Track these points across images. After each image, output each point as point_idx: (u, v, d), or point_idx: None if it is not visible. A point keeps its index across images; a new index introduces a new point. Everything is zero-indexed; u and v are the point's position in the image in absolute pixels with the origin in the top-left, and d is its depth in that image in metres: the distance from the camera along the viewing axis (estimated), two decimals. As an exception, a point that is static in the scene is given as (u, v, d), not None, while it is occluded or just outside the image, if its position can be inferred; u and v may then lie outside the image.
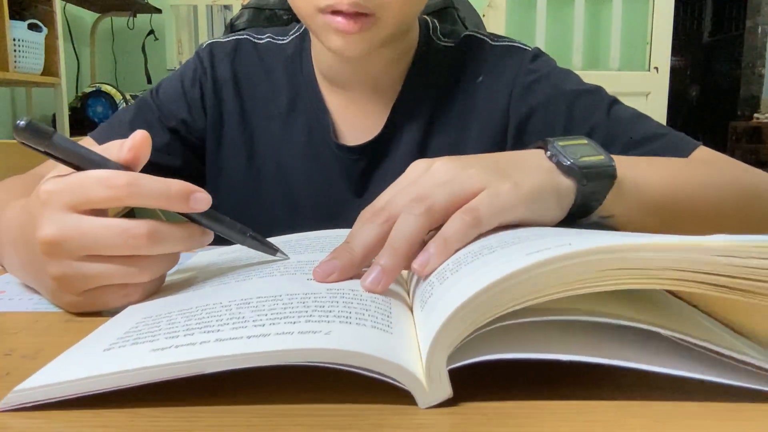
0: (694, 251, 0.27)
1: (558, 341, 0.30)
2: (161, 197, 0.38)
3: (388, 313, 0.33)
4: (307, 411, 0.28)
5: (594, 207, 0.44)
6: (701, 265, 0.28)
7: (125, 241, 0.37)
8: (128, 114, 0.74)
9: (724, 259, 0.27)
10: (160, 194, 0.38)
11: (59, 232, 0.37)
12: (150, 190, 0.38)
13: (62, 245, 0.37)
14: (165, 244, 0.38)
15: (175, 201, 0.38)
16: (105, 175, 0.37)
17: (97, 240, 0.37)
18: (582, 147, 0.44)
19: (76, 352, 0.32)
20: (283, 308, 0.32)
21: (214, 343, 0.29)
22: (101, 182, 0.37)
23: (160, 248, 0.38)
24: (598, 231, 0.37)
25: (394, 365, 0.27)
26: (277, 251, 0.45)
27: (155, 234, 0.37)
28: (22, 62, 2.07)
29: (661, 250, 0.28)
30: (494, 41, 0.75)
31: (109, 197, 0.37)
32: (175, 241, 0.39)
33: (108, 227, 0.37)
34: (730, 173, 0.57)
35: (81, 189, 0.38)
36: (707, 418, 0.27)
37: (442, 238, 0.36)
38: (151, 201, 0.38)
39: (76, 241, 0.37)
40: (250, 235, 0.44)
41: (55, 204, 0.38)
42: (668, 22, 2.59)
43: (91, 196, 0.37)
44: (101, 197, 0.37)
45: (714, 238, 0.28)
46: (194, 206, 0.39)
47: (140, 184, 0.37)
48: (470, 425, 0.27)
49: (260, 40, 0.77)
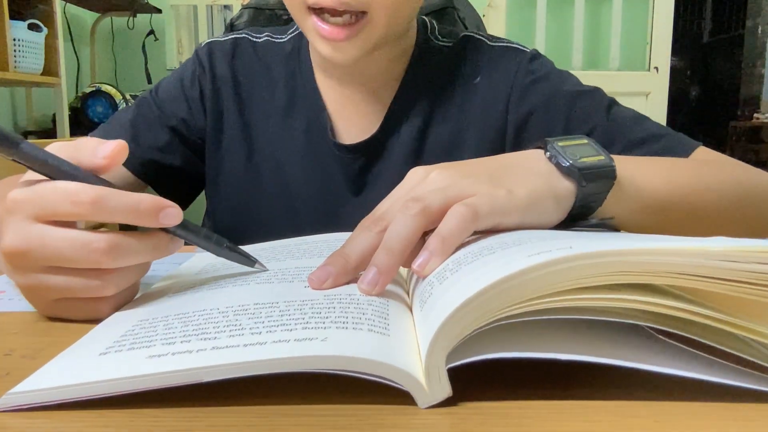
0: (695, 256, 0.28)
1: (558, 341, 0.30)
2: (130, 213, 0.37)
3: (386, 315, 0.33)
4: (307, 411, 0.28)
5: (594, 208, 0.44)
6: (702, 270, 0.28)
7: (86, 256, 0.36)
8: (128, 114, 0.74)
9: (726, 263, 0.27)
10: (128, 210, 0.37)
11: (22, 242, 0.36)
12: (117, 206, 0.36)
13: (25, 256, 0.36)
14: (127, 257, 0.37)
15: (145, 217, 0.37)
16: (72, 190, 0.36)
17: (59, 253, 0.36)
18: (582, 147, 0.44)
19: (73, 354, 0.32)
20: (280, 315, 0.32)
21: (211, 351, 0.29)
22: (67, 197, 0.36)
23: (122, 262, 0.37)
24: (600, 234, 0.38)
25: (392, 367, 0.27)
26: (255, 262, 0.43)
27: (116, 248, 0.36)
28: (22, 62, 2.07)
29: (663, 254, 0.28)
30: (492, 42, 0.75)
31: (74, 213, 0.36)
32: (139, 253, 0.38)
33: (70, 240, 0.36)
34: (730, 173, 0.57)
35: (46, 201, 0.36)
36: (707, 418, 0.27)
37: (440, 236, 0.36)
38: (119, 217, 0.36)
39: (38, 252, 0.36)
40: (227, 246, 0.42)
41: (20, 213, 0.37)
42: (668, 22, 2.59)
43: (56, 209, 0.36)
44: (66, 212, 0.36)
45: (715, 243, 0.28)
46: (164, 222, 0.38)
47: (107, 200, 0.36)
48: (470, 425, 0.27)
49: (259, 39, 0.77)
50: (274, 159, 0.73)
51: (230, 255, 0.43)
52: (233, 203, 0.74)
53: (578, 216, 0.43)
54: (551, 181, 0.42)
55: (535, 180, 0.41)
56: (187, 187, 0.77)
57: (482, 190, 0.39)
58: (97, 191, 0.36)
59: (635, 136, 0.65)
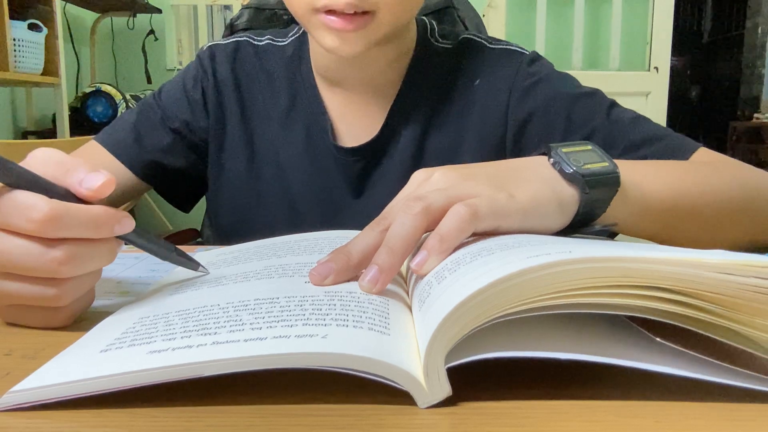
0: (694, 267, 0.28)
1: (557, 340, 0.30)
2: (87, 228, 0.36)
3: (386, 314, 0.33)
4: (307, 411, 0.28)
5: (598, 214, 0.44)
6: (701, 280, 0.28)
7: (42, 265, 0.35)
8: (131, 116, 0.75)
9: (724, 276, 0.28)
10: (84, 225, 0.35)
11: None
12: (72, 222, 0.35)
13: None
14: (84, 265, 0.36)
15: (103, 229, 0.36)
16: (26, 205, 0.34)
17: (13, 260, 0.35)
18: (586, 153, 0.44)
19: (73, 352, 0.32)
20: (281, 311, 0.32)
21: (211, 346, 0.29)
22: (21, 212, 0.34)
23: (79, 270, 0.36)
24: (601, 241, 0.38)
25: (391, 367, 0.27)
26: (198, 266, 0.44)
27: (73, 258, 0.35)
28: (22, 62, 2.07)
29: (662, 263, 0.28)
30: (492, 44, 0.75)
31: (27, 229, 0.34)
32: (95, 260, 0.37)
33: (26, 248, 0.35)
34: (732, 175, 0.57)
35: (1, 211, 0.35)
36: (707, 418, 0.27)
37: (439, 235, 0.36)
38: (74, 232, 0.35)
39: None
40: (175, 251, 0.43)
41: None
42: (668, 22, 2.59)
43: (9, 222, 0.35)
44: (19, 227, 0.35)
45: (714, 255, 0.28)
46: (119, 232, 0.37)
47: (62, 217, 0.34)
48: (470, 425, 0.27)
49: (260, 42, 0.77)
50: (275, 161, 0.73)
51: (177, 259, 0.43)
52: (234, 205, 0.75)
53: (581, 222, 0.43)
54: (555, 187, 0.42)
55: (538, 185, 0.41)
56: (189, 189, 0.78)
57: (484, 191, 0.39)
58: (52, 208, 0.34)
59: (636, 137, 0.65)
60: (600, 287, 0.28)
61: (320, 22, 0.61)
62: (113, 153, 0.71)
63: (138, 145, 0.71)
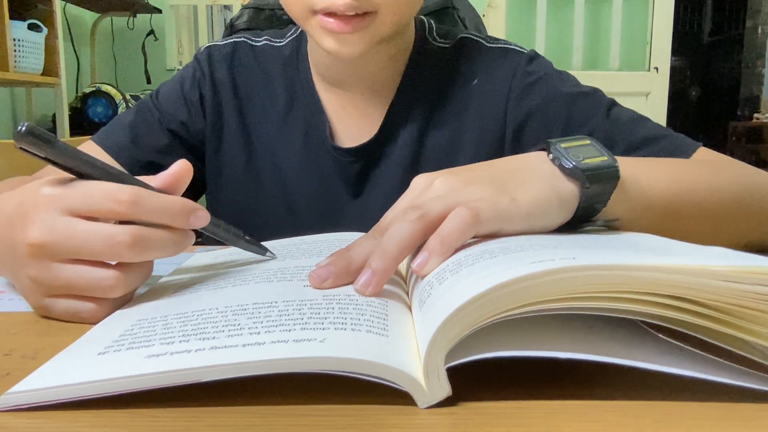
0: (698, 275, 0.28)
1: (558, 340, 0.30)
2: (164, 214, 0.38)
3: (384, 316, 0.33)
4: (307, 411, 0.28)
5: (598, 209, 0.44)
6: (705, 288, 0.28)
7: (110, 248, 0.37)
8: (129, 116, 0.74)
9: (728, 284, 0.28)
10: (163, 211, 0.38)
11: (50, 234, 0.37)
12: (153, 207, 0.38)
13: (50, 246, 0.37)
14: (149, 251, 0.38)
15: (178, 218, 0.39)
16: (112, 188, 0.37)
17: (84, 244, 0.37)
18: (585, 148, 0.44)
19: (72, 353, 0.32)
20: (279, 315, 0.32)
21: (209, 351, 0.29)
22: (108, 195, 0.37)
23: (144, 256, 0.38)
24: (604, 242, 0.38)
25: (390, 369, 0.27)
26: (267, 251, 0.47)
27: (139, 241, 0.37)
28: (22, 62, 2.07)
29: (666, 272, 0.28)
30: (490, 43, 0.75)
31: (114, 211, 0.37)
32: (160, 247, 0.39)
33: (95, 232, 0.37)
34: (732, 173, 0.57)
35: (84, 198, 0.37)
36: (707, 418, 0.27)
37: (440, 235, 0.36)
38: (154, 217, 0.38)
39: (63, 243, 0.37)
40: (245, 238, 0.46)
41: (51, 207, 0.37)
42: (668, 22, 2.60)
43: (94, 207, 0.37)
44: (106, 210, 0.37)
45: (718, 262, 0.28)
46: (194, 223, 0.40)
47: (144, 201, 0.37)
48: (470, 425, 0.27)
49: (257, 43, 0.77)
50: (274, 162, 0.73)
51: (247, 246, 0.47)
52: (233, 205, 0.75)
53: (582, 217, 0.43)
54: (555, 183, 0.42)
55: (539, 184, 0.41)
56: (188, 190, 0.77)
57: (485, 195, 0.39)
58: (136, 191, 0.37)
59: (635, 137, 0.65)
60: (603, 293, 0.28)
61: (319, 25, 0.61)
62: (110, 154, 0.70)
63: (135, 146, 0.71)
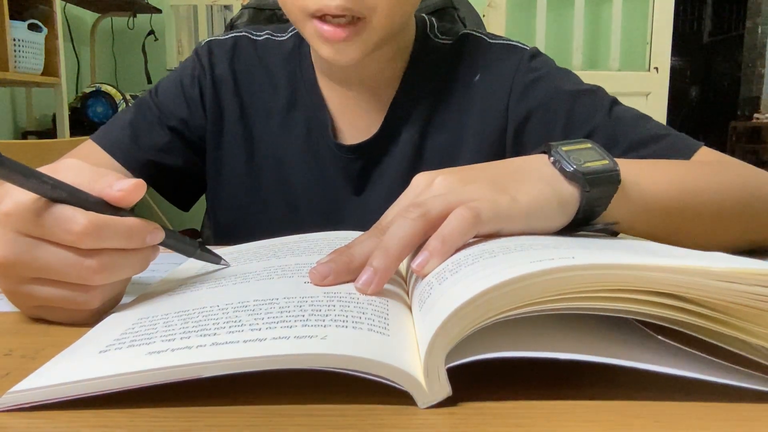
0: (698, 275, 0.28)
1: (558, 340, 0.30)
2: (120, 239, 0.37)
3: (385, 315, 0.33)
4: (307, 411, 0.28)
5: (599, 212, 0.44)
6: (705, 288, 0.28)
7: (77, 273, 0.36)
8: (128, 114, 0.74)
9: (728, 284, 0.28)
10: (119, 235, 0.37)
11: (11, 254, 0.36)
12: (108, 234, 0.36)
13: (13, 267, 0.36)
14: (117, 274, 0.38)
15: (134, 240, 0.37)
16: (66, 217, 0.35)
17: (50, 267, 0.36)
18: (586, 151, 0.44)
19: (72, 353, 0.32)
20: (280, 312, 0.32)
21: (210, 347, 0.29)
22: (60, 225, 0.35)
23: (112, 279, 0.37)
24: (603, 244, 0.38)
25: (391, 367, 0.27)
26: (221, 259, 0.46)
27: (107, 267, 0.36)
28: (22, 62, 2.07)
29: (665, 272, 0.28)
30: (492, 40, 0.74)
31: (66, 240, 0.36)
32: (128, 268, 0.38)
33: (61, 257, 0.36)
34: (734, 174, 0.57)
35: (39, 221, 0.36)
36: (707, 418, 0.27)
37: (441, 235, 0.36)
38: (110, 242, 0.36)
39: (26, 265, 0.36)
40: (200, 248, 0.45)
41: (11, 226, 0.36)
42: (668, 22, 2.59)
43: (46, 232, 0.36)
44: (58, 238, 0.36)
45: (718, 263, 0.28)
46: (150, 241, 0.38)
47: (98, 229, 0.36)
48: (470, 425, 0.27)
49: (259, 37, 0.76)
50: (275, 158, 0.73)
51: (201, 255, 0.46)
52: (234, 203, 0.74)
53: (582, 220, 0.43)
54: (555, 186, 0.42)
55: (539, 185, 0.41)
56: (188, 187, 0.77)
57: (486, 195, 0.39)
58: (90, 221, 0.36)
59: (637, 136, 0.65)
60: (603, 292, 0.28)
61: (315, 30, 0.61)
62: (110, 152, 0.70)
63: (135, 145, 0.71)
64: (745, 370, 0.29)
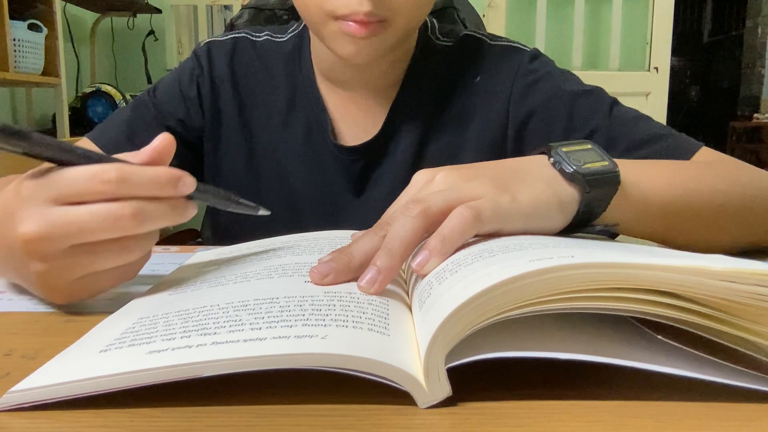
0: (697, 274, 0.28)
1: (558, 340, 0.30)
2: (152, 186, 0.38)
3: (386, 315, 0.33)
4: (307, 411, 0.28)
5: (598, 213, 0.44)
6: (704, 288, 0.28)
7: (112, 224, 0.37)
8: (125, 113, 0.73)
9: (727, 284, 0.28)
10: (150, 184, 0.38)
11: (44, 226, 0.36)
12: (140, 181, 0.37)
13: (47, 239, 0.37)
14: (151, 221, 0.38)
15: (166, 188, 0.39)
16: (96, 170, 0.37)
17: (84, 228, 0.36)
18: (586, 152, 0.44)
19: (73, 352, 0.32)
20: (280, 311, 0.32)
21: (211, 346, 0.29)
22: (93, 177, 0.37)
23: (146, 226, 0.38)
24: (603, 244, 0.38)
25: (391, 367, 0.27)
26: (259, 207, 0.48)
27: (141, 213, 0.37)
28: (22, 62, 2.07)
29: (665, 270, 0.28)
30: (492, 41, 0.75)
31: (102, 191, 0.37)
32: (161, 216, 0.39)
33: (93, 213, 0.37)
34: (734, 175, 0.57)
35: (71, 183, 0.37)
36: (707, 418, 0.27)
37: (441, 235, 0.36)
38: (142, 191, 0.38)
39: (61, 232, 0.36)
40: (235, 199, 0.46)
41: (37, 198, 0.37)
42: (668, 22, 2.59)
43: (81, 190, 0.37)
44: (93, 192, 0.37)
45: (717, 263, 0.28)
46: (182, 190, 0.39)
47: (131, 176, 0.37)
48: (470, 425, 0.27)
49: (258, 38, 0.76)
50: (275, 159, 0.73)
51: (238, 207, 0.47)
52: None
53: (582, 222, 0.43)
54: (555, 187, 0.42)
55: (539, 186, 0.41)
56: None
57: (486, 193, 0.39)
58: (121, 168, 0.37)
59: (637, 136, 0.65)
60: (603, 291, 0.28)
61: (338, 29, 0.60)
62: (105, 151, 0.70)
63: (131, 144, 0.69)
64: (744, 370, 0.29)
